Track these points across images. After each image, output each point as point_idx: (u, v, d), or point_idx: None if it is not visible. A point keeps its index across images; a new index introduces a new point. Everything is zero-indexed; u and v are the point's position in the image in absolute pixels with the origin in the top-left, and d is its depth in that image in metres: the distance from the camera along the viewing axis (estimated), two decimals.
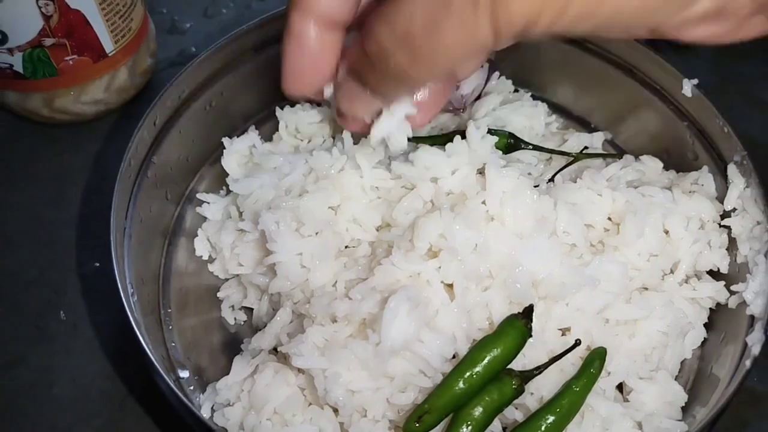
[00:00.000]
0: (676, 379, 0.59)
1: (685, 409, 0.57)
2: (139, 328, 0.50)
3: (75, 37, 0.72)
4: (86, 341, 0.65)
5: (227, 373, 0.56)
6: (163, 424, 0.60)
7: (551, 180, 0.65)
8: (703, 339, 0.61)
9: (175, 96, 0.64)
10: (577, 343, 0.53)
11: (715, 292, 0.60)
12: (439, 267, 0.54)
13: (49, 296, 0.68)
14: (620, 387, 0.58)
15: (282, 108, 0.71)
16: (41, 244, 0.72)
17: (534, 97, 0.75)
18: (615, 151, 0.74)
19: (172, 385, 0.48)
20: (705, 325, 0.61)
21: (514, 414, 0.54)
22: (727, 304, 0.60)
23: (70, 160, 0.78)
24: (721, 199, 0.63)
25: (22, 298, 0.68)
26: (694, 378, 0.60)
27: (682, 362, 0.60)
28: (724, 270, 0.61)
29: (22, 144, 0.80)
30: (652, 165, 0.67)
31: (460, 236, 0.54)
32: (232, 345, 0.63)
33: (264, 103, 0.74)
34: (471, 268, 0.54)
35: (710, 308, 0.61)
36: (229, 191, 0.68)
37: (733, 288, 0.59)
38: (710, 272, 0.62)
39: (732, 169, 0.62)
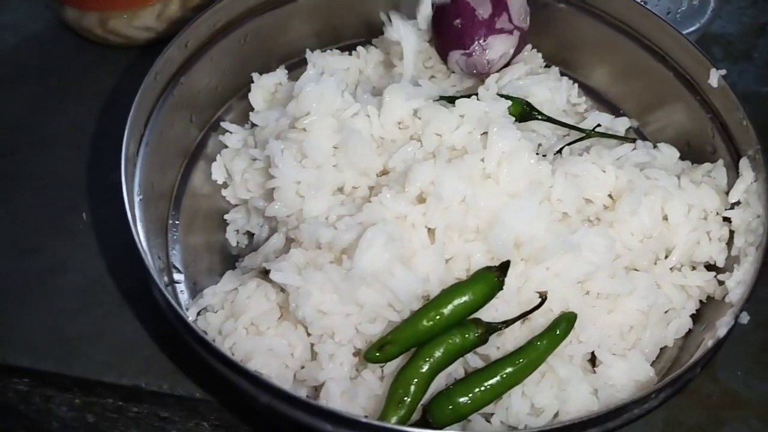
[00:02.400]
0: (651, 365, 0.59)
1: None
2: (134, 223, 0.54)
3: None
4: (100, 242, 0.70)
5: None
6: (156, 323, 0.65)
7: (559, 152, 0.65)
8: (688, 330, 0.60)
9: (210, 23, 0.68)
10: (543, 299, 0.54)
11: (705, 282, 0.59)
12: (425, 212, 0.56)
13: (75, 197, 0.73)
14: (594, 362, 0.58)
15: (313, 51, 0.74)
16: (78, 151, 0.77)
17: (568, 78, 0.75)
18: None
19: (158, 281, 0.51)
20: (692, 316, 0.60)
21: (477, 363, 0.55)
22: (714, 297, 0.59)
23: (117, 80, 0.83)
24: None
25: (52, 196, 0.73)
26: (670, 367, 0.59)
27: (662, 350, 0.60)
28: (720, 263, 0.60)
29: (78, 60, 0.86)
30: (668, 153, 0.67)
31: (450, 186, 0.55)
32: (230, 266, 0.66)
33: (298, 48, 0.77)
34: (456, 218, 0.56)
35: (700, 300, 0.61)
36: (253, 125, 0.72)
37: (720, 278, 0.58)
38: (706, 266, 0.62)
39: (744, 163, 0.61)
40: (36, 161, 0.77)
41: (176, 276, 0.62)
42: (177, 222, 0.66)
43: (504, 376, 0.52)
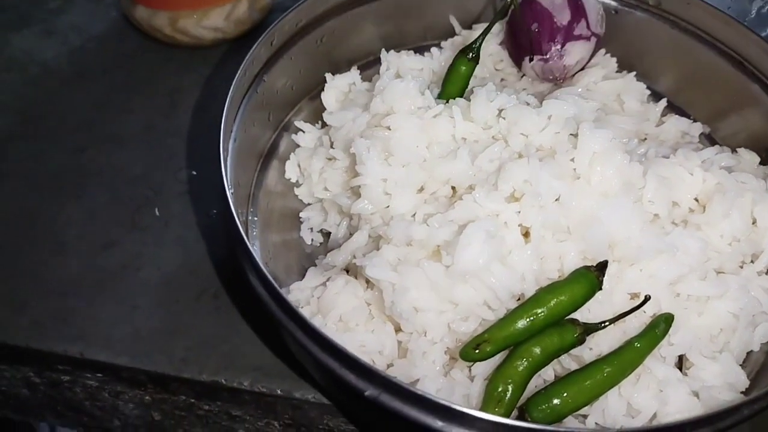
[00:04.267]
0: None
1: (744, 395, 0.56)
2: (237, 217, 0.53)
3: None
4: (174, 237, 0.70)
5: None
6: (235, 319, 0.65)
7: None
8: None
9: (293, 23, 0.68)
10: (647, 298, 0.53)
11: None
12: (519, 211, 0.55)
13: (148, 194, 0.74)
14: (680, 366, 0.58)
15: (387, 51, 0.74)
16: (148, 148, 0.78)
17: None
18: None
19: (264, 269, 0.51)
20: None
21: (570, 365, 0.55)
22: None
23: (185, 79, 0.84)
24: None
25: (125, 192, 0.74)
26: (758, 371, 0.58)
27: (748, 353, 0.59)
28: None
29: (146, 59, 0.87)
30: (748, 158, 0.66)
31: (545, 184, 0.55)
32: (307, 264, 0.66)
33: (366, 50, 0.78)
34: (550, 217, 0.55)
35: None
36: (323, 125, 0.72)
37: None
38: None
39: None
40: (105, 158, 0.77)
41: None
42: (255, 219, 0.66)
43: (604, 375, 0.51)
